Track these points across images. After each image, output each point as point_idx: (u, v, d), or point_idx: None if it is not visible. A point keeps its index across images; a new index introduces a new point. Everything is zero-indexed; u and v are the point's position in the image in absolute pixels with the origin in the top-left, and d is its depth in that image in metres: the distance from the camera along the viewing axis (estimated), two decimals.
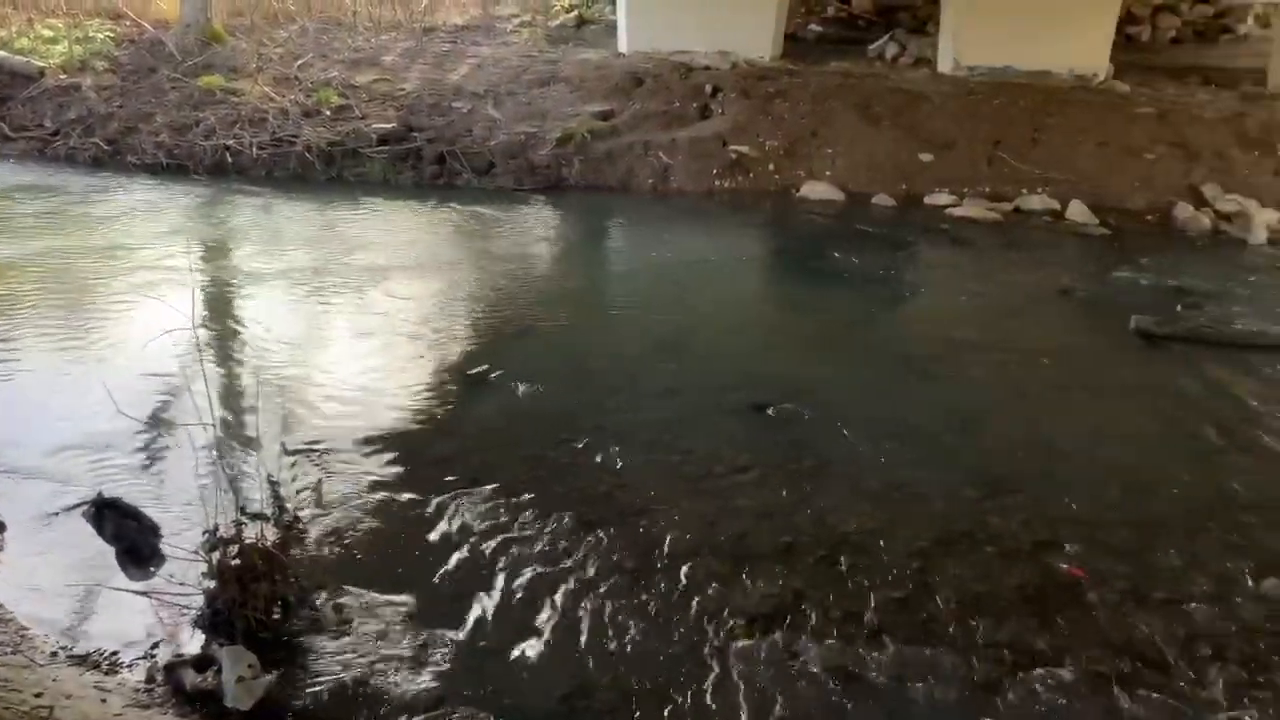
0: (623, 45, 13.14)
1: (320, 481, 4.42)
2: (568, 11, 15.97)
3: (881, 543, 4.13)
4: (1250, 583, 3.96)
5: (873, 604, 3.74)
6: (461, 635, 3.48)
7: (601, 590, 3.76)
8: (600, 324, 6.64)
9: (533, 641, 3.47)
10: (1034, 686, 3.32)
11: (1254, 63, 13.62)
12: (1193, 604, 3.82)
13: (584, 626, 3.55)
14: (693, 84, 11.52)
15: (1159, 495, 4.62)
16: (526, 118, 10.93)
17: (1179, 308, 7.04)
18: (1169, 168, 10.18)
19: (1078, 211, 9.51)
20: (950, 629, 3.61)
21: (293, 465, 4.57)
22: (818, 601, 3.74)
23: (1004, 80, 11.96)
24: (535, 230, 8.83)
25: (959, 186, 10.07)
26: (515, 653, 3.41)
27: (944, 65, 12.55)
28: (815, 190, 10.02)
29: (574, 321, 6.58)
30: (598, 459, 4.72)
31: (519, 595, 3.72)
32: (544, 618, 3.59)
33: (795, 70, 12.27)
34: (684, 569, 3.89)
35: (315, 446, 4.74)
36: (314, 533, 4.06)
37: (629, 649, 3.45)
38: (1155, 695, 3.30)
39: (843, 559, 4.01)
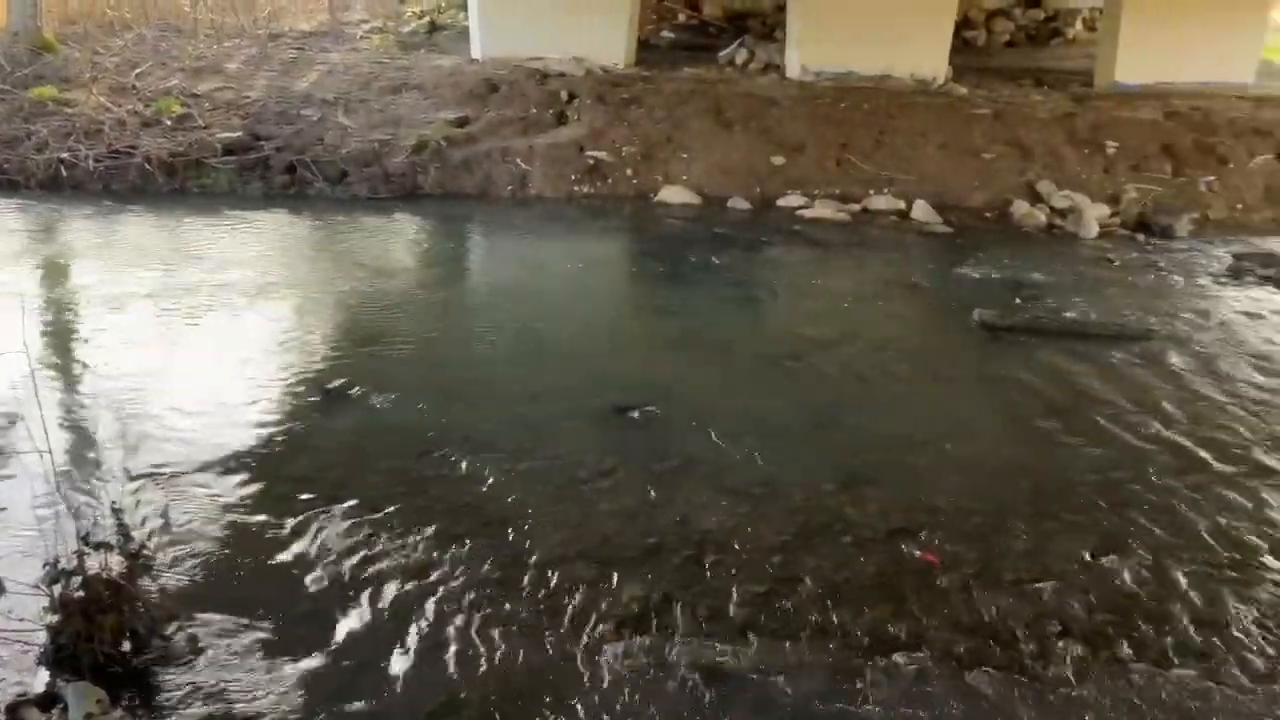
0: (476, 51, 13.04)
1: (168, 506, 4.24)
2: (419, 17, 15.78)
3: (744, 539, 4.20)
4: (1092, 560, 4.18)
5: (737, 600, 3.80)
6: (323, 657, 3.39)
7: (468, 602, 3.71)
8: (461, 333, 6.57)
9: (398, 658, 3.41)
10: (892, 671, 3.43)
11: (1082, 64, 14.43)
12: (1039, 584, 4.00)
13: (451, 640, 3.50)
14: (548, 90, 11.52)
15: (1005, 480, 4.83)
16: (379, 125, 10.74)
17: (1018, 300, 7.39)
18: (1006, 166, 10.67)
19: (922, 210, 9.87)
20: (812, 620, 3.70)
21: (138, 491, 4.37)
22: (684, 601, 3.78)
23: (849, 84, 12.34)
24: (393, 239, 8.68)
25: (810, 188, 10.33)
26: (380, 671, 3.34)
27: (792, 71, 12.89)
28: (672, 194, 10.14)
29: (435, 331, 6.50)
30: (461, 469, 4.67)
31: (382, 612, 3.64)
32: (409, 634, 3.53)
33: (649, 76, 12.41)
34: (551, 576, 3.88)
35: (162, 470, 4.55)
36: (163, 560, 3.89)
37: (497, 660, 3.42)
38: (1005, 673, 3.45)
39: (707, 557, 4.07)
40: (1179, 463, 5.05)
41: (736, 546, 4.15)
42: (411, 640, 3.49)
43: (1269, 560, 4.24)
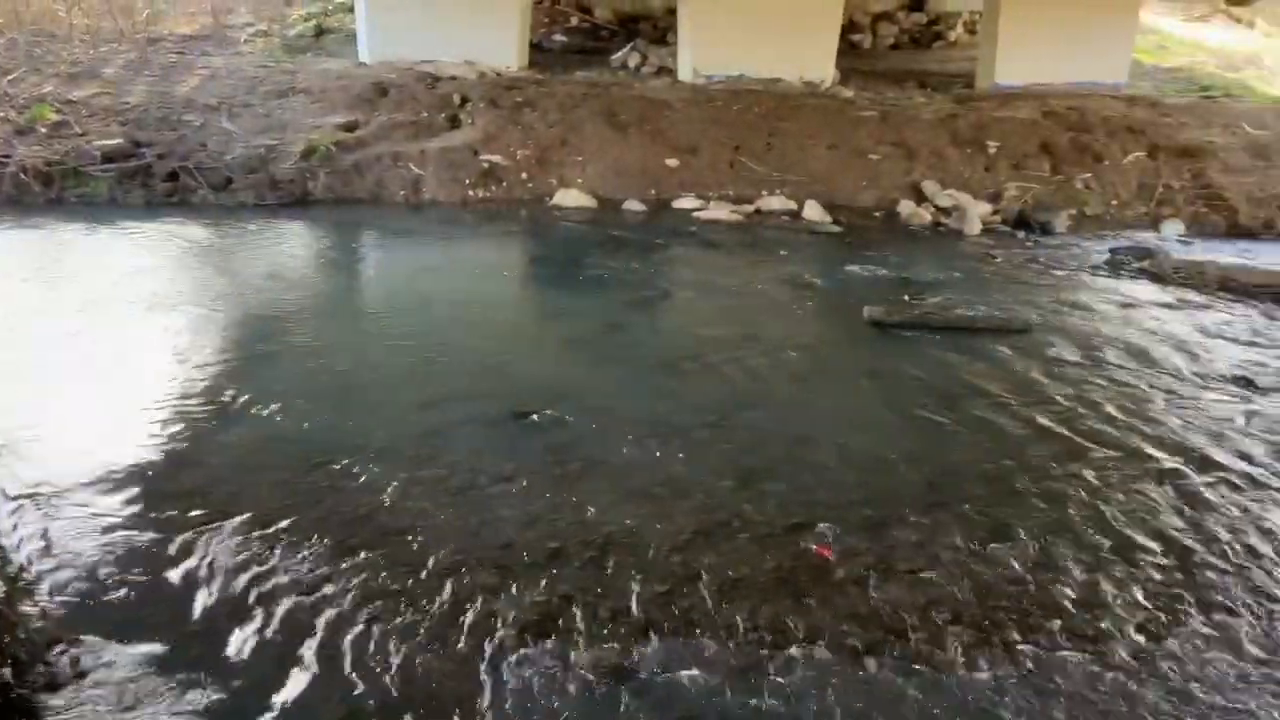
0: (364, 55, 12.84)
1: (48, 527, 4.08)
2: (305, 20, 15.42)
3: (646, 539, 4.23)
4: (980, 548, 4.31)
5: (639, 600, 3.82)
6: (216, 677, 3.31)
7: (366, 614, 3.66)
8: (355, 341, 6.45)
9: (295, 674, 3.34)
10: (791, 664, 3.50)
11: (964, 67, 14.83)
12: (930, 572, 4.12)
13: (347, 654, 3.45)
14: (440, 94, 11.41)
15: (897, 473, 4.96)
16: (265, 130, 10.48)
17: (906, 297, 7.58)
18: (892, 167, 10.93)
19: (813, 210, 10.05)
20: (712, 617, 3.74)
21: (17, 512, 4.20)
22: (586, 603, 3.79)
23: (740, 87, 12.50)
24: (282, 246, 8.48)
25: (704, 190, 10.43)
26: (277, 688, 3.27)
27: (684, 74, 13.00)
28: (568, 198, 10.13)
29: (328, 340, 6.37)
30: (356, 480, 4.60)
31: (277, 629, 3.57)
32: (306, 649, 3.47)
33: (542, 80, 12.37)
34: (450, 584, 3.85)
35: (41, 490, 4.37)
36: (45, 584, 3.75)
37: (396, 672, 3.38)
38: (899, 662, 3.54)
39: (609, 559, 4.08)
40: (1062, 450, 5.25)
41: (638, 546, 4.18)
42: (307, 657, 3.43)
43: (1147, 542, 4.43)
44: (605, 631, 3.63)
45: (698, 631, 3.66)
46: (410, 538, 4.15)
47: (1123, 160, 11.23)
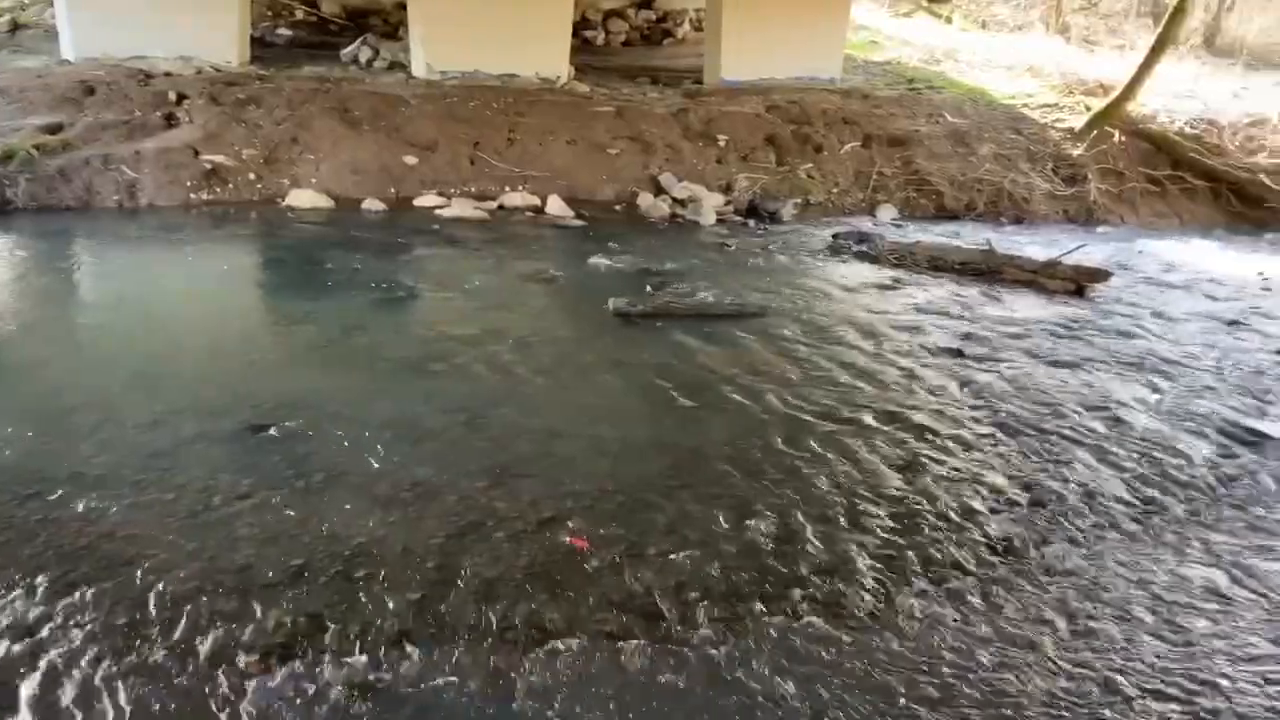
0: (67, 52, 11.80)
1: None
2: None
3: (396, 547, 4.12)
4: (726, 526, 4.47)
5: (391, 610, 3.72)
6: None
7: (91, 654, 3.37)
8: (69, 360, 5.93)
9: None
10: (549, 659, 3.51)
11: (693, 63, 15.31)
12: (682, 554, 4.23)
13: (68, 697, 3.17)
14: (154, 91, 10.67)
15: (647, 460, 5.06)
16: None
17: (649, 288, 7.76)
18: (630, 160, 11.17)
19: (555, 205, 10.13)
20: (469, 620, 3.70)
21: None
22: (335, 619, 3.65)
23: (476, 83, 12.41)
24: None
25: (446, 187, 10.30)
26: None
27: (417, 70, 12.75)
28: (302, 198, 9.72)
29: (40, 358, 5.82)
30: (76, 509, 4.23)
31: None
32: (22, 698, 3.16)
33: (267, 75, 11.82)
34: (185, 613, 3.61)
35: None
36: None
37: (128, 712, 3.13)
38: (654, 644, 3.63)
39: (357, 571, 3.95)
40: (797, 426, 5.54)
41: (388, 555, 4.07)
42: (23, 706, 3.13)
43: (876, 507, 4.74)
44: (356, 647, 3.51)
45: (454, 637, 3.60)
46: (138, 568, 3.85)
47: (840, 150, 11.97)
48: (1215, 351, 7.37)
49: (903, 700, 3.46)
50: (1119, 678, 3.67)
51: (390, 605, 3.75)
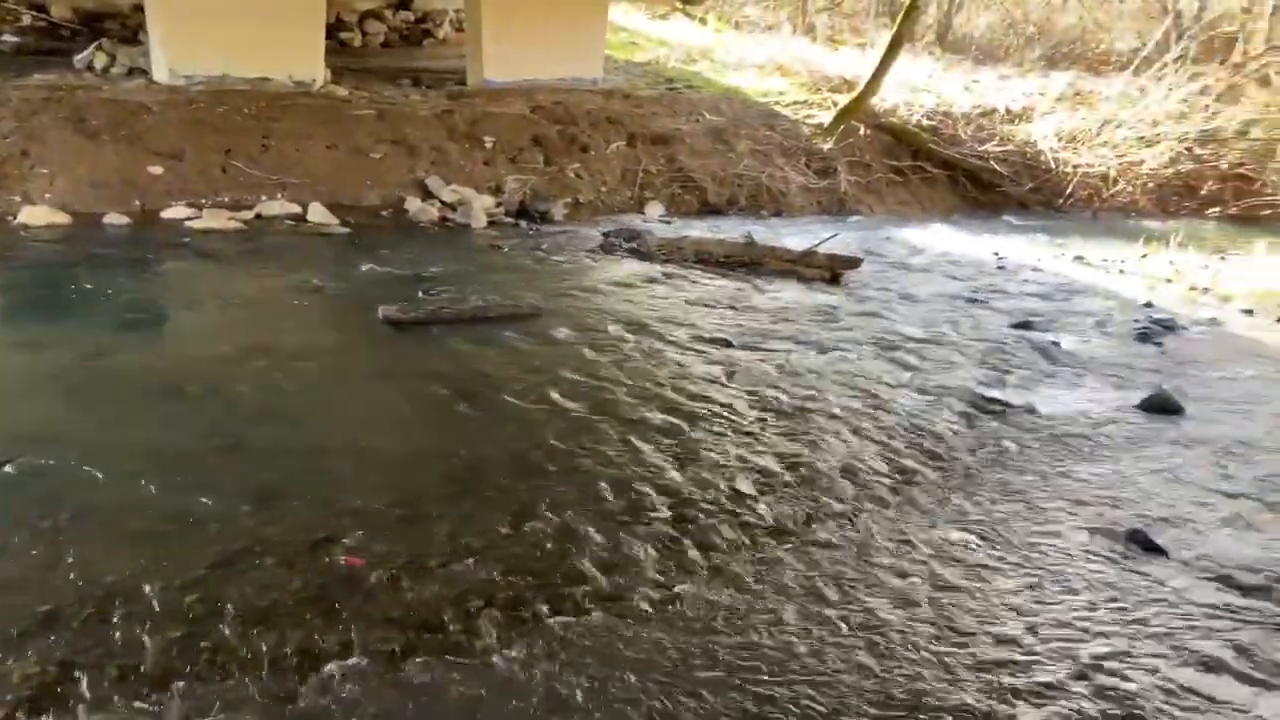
0: None
1: None
2: None
3: (155, 583, 3.84)
4: (508, 530, 4.44)
5: (153, 650, 3.48)
6: None
7: None
8: None
9: None
10: (327, 684, 3.37)
11: (456, 64, 15.10)
12: (463, 563, 4.16)
13: None
14: None
15: (424, 470, 4.96)
16: None
17: (420, 293, 7.61)
18: (395, 164, 10.93)
19: (318, 213, 9.77)
20: (239, 652, 3.50)
21: None
22: (89, 666, 3.37)
23: (225, 88, 11.78)
24: None
25: (196, 198, 9.75)
26: None
27: (160, 75, 11.98)
28: (36, 215, 8.96)
29: None
30: None
31: None
32: None
33: None
34: None
35: None
36: None
37: None
38: (437, 657, 3.55)
39: (113, 612, 3.67)
40: (575, 424, 5.57)
41: (146, 593, 3.79)
42: None
43: (654, 498, 4.82)
44: (115, 695, 3.26)
45: (224, 671, 3.41)
46: None
47: (606, 150, 12.14)
48: (959, 329, 7.93)
49: (689, 685, 3.54)
50: (890, 634, 3.89)
51: (150, 645, 3.50)
